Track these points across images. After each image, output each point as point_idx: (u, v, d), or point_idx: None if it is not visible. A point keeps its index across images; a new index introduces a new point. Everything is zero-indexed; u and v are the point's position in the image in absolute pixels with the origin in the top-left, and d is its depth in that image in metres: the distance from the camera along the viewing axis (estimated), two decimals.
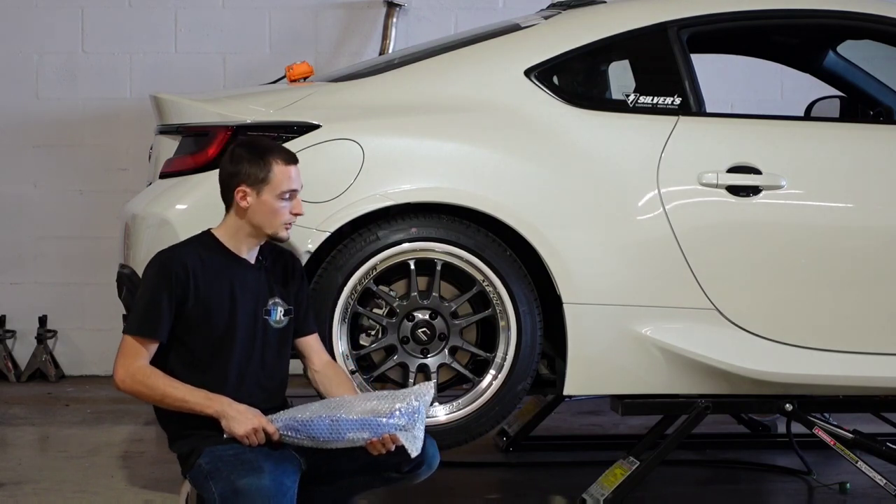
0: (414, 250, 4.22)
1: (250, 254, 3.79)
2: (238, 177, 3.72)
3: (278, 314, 3.79)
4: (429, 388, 3.67)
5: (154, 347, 3.65)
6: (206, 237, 3.79)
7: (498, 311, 4.26)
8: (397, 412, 3.54)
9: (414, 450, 3.56)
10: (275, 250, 3.89)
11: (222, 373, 3.69)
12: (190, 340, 3.69)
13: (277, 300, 3.79)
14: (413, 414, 3.55)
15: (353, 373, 4.19)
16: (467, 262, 4.23)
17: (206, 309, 3.68)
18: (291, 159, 3.78)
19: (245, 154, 3.75)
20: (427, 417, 4.19)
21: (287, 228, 3.77)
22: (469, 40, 4.61)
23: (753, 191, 4.35)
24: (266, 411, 3.64)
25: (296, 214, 3.78)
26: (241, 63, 7.35)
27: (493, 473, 5.27)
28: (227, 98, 4.59)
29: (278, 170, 3.73)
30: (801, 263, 4.38)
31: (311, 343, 3.92)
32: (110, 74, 7.35)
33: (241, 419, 3.58)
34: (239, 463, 3.51)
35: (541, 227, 4.24)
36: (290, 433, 3.57)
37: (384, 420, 3.53)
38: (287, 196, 3.74)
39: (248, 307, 3.74)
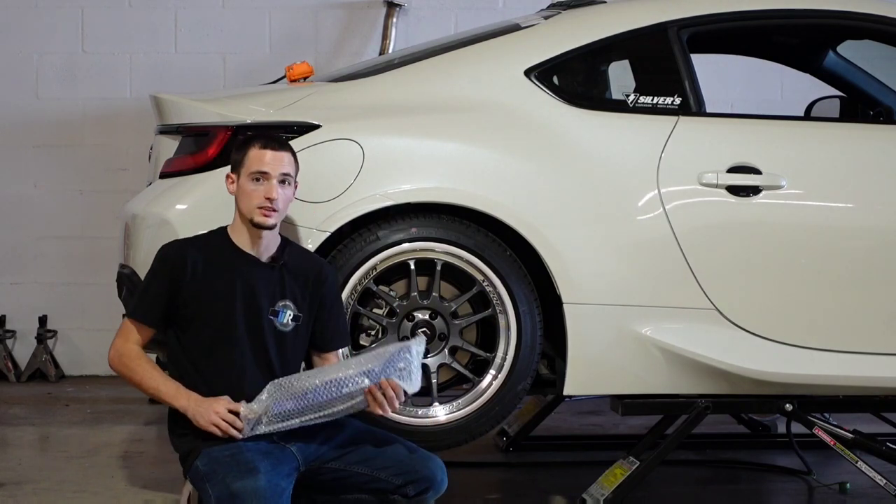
0: (414, 250, 4.22)
1: (259, 251, 3.75)
2: (231, 165, 3.81)
3: (286, 317, 3.75)
4: (420, 339, 3.71)
5: (148, 333, 3.70)
6: (217, 232, 3.81)
7: (498, 311, 4.26)
8: (393, 357, 3.56)
9: (411, 387, 3.59)
10: (302, 256, 3.87)
11: (224, 367, 3.68)
12: (191, 331, 3.70)
13: (288, 303, 3.76)
14: (407, 357, 3.58)
15: None
16: (467, 262, 4.23)
17: (202, 302, 3.68)
18: (271, 144, 3.74)
19: (239, 142, 3.85)
20: (427, 418, 4.21)
21: (264, 214, 3.68)
22: (469, 40, 4.60)
23: (753, 191, 4.35)
24: None
25: (268, 199, 3.67)
26: (241, 63, 7.35)
27: (493, 473, 5.27)
28: (227, 98, 4.59)
29: (253, 153, 3.73)
30: (801, 263, 4.37)
31: (330, 360, 3.87)
32: (110, 74, 7.36)
33: (202, 411, 3.58)
34: (234, 464, 3.49)
35: (541, 227, 4.24)
36: (294, 405, 3.53)
37: (379, 367, 3.55)
38: (257, 178, 3.70)
39: (252, 304, 3.71)
